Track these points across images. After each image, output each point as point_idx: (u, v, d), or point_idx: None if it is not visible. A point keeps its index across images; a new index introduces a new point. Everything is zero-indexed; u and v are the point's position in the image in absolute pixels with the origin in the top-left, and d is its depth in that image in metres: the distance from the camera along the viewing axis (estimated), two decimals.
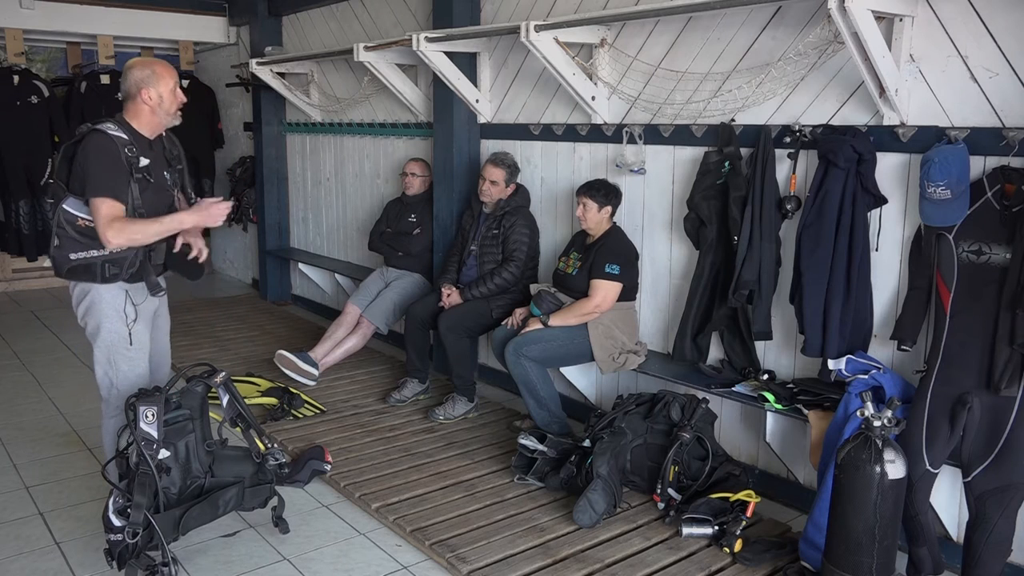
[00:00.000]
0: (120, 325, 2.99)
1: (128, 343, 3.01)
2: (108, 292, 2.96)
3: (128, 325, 3.00)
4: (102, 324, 2.98)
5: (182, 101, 3.04)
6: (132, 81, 2.94)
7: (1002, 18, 2.70)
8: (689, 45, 3.67)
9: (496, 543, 3.06)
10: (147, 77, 2.93)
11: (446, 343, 4.32)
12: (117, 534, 2.70)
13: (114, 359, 3.02)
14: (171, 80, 2.99)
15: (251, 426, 3.07)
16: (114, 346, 3.00)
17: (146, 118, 2.97)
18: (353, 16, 5.94)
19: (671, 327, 3.84)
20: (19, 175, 6.91)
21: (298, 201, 7.05)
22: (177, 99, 3.01)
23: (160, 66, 2.99)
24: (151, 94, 2.93)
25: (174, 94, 2.99)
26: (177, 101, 3.01)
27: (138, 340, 3.04)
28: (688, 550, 3.04)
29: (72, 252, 2.90)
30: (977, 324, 2.60)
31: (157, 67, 2.97)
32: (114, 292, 2.97)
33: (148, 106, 2.94)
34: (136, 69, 2.96)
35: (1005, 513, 2.58)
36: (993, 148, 2.71)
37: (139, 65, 2.98)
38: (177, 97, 3.01)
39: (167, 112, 2.99)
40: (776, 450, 3.44)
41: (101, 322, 2.98)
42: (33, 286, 7.53)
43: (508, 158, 4.46)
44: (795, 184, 3.28)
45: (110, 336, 2.99)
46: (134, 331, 3.02)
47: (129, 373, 3.03)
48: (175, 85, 3.01)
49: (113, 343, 3.00)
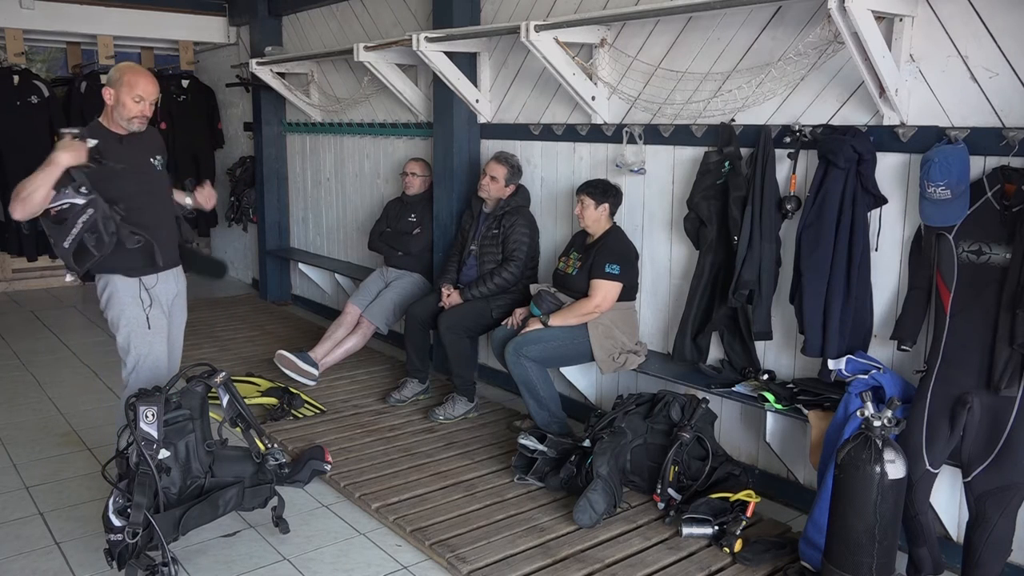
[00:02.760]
0: (138, 310, 3.20)
1: (147, 327, 3.22)
2: (123, 281, 3.19)
3: (145, 310, 3.21)
4: (123, 311, 3.19)
5: (142, 114, 3.13)
6: (106, 77, 3.16)
7: (1002, 18, 2.71)
8: (689, 45, 3.67)
9: (496, 543, 3.06)
10: (115, 79, 3.10)
11: (446, 343, 4.32)
12: (117, 534, 2.70)
13: (134, 342, 3.21)
14: (137, 91, 3.08)
15: (251, 426, 3.08)
16: (134, 330, 3.21)
17: (107, 115, 3.16)
18: (353, 16, 5.94)
19: (671, 327, 3.84)
20: (19, 175, 6.87)
21: (298, 201, 7.05)
22: (136, 110, 3.10)
23: (132, 74, 3.10)
24: (110, 94, 3.11)
25: (134, 104, 3.09)
26: (136, 111, 3.10)
27: (156, 324, 3.25)
28: (688, 550, 3.04)
29: (61, 240, 3.00)
30: (977, 324, 2.60)
31: (129, 74, 3.10)
32: (129, 281, 3.20)
33: (108, 104, 3.13)
34: (114, 69, 3.16)
35: (1005, 513, 2.58)
36: (993, 148, 2.71)
37: (119, 67, 3.17)
38: (137, 108, 3.10)
39: (122, 116, 3.11)
40: (776, 450, 3.44)
41: (122, 309, 3.19)
42: (33, 286, 7.53)
43: (513, 159, 4.46)
44: (795, 184, 3.28)
45: (130, 321, 3.20)
46: (151, 315, 3.23)
47: (148, 356, 3.23)
48: (141, 97, 3.10)
49: (132, 328, 3.20)
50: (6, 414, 4.41)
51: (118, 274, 3.19)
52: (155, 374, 3.23)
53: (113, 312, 3.21)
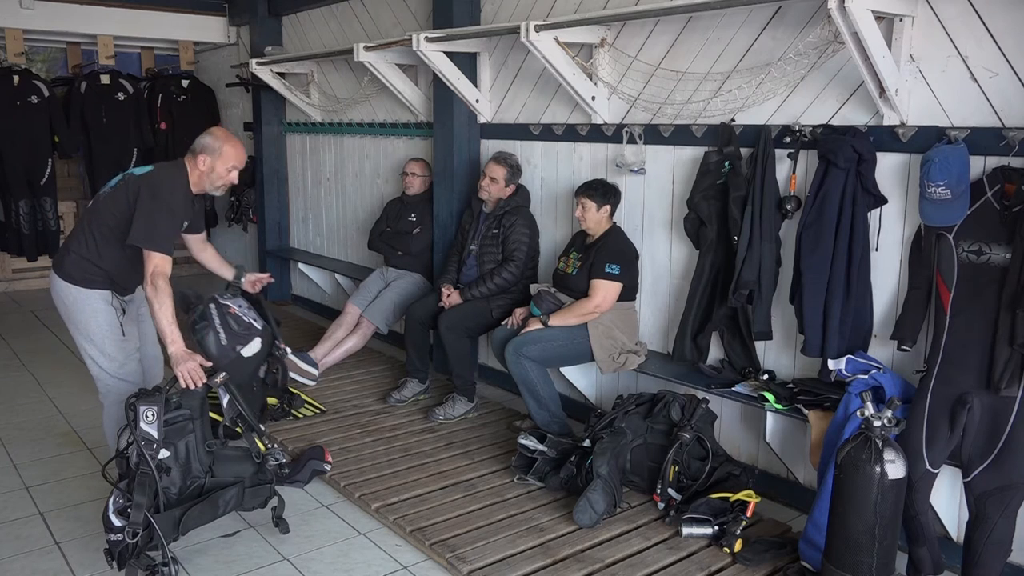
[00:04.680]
0: (112, 317, 3.19)
1: (121, 334, 3.21)
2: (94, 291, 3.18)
3: (119, 318, 3.20)
4: (94, 318, 3.16)
5: (232, 183, 3.24)
6: (203, 143, 3.15)
7: (1002, 18, 2.70)
8: (689, 45, 3.67)
9: (496, 543, 3.06)
10: (214, 149, 3.13)
11: (446, 343, 4.32)
12: (117, 534, 2.70)
13: (109, 350, 3.18)
14: (232, 162, 3.17)
15: (251, 426, 3.08)
16: (108, 337, 3.18)
17: (195, 179, 3.16)
18: (353, 16, 5.94)
19: (671, 327, 3.84)
20: (19, 175, 6.91)
21: (298, 201, 7.05)
22: (228, 179, 3.20)
23: (230, 147, 3.17)
24: (205, 161, 3.14)
25: (227, 173, 3.18)
26: (226, 180, 3.20)
27: (129, 332, 3.26)
28: (688, 550, 3.04)
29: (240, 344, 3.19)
30: (977, 324, 2.60)
31: (227, 146, 3.15)
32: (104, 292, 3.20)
33: (199, 170, 3.14)
34: (211, 136, 3.17)
35: (1005, 513, 2.58)
36: (993, 148, 2.71)
37: (216, 137, 3.17)
38: (228, 178, 3.20)
39: (212, 183, 3.18)
40: (776, 450, 3.44)
41: (93, 316, 3.16)
42: (33, 286, 7.53)
43: (512, 159, 4.46)
44: (795, 184, 3.28)
45: (103, 327, 3.17)
46: (124, 322, 3.23)
47: (126, 362, 3.22)
48: (235, 167, 3.19)
49: (106, 333, 3.18)
50: (6, 414, 4.41)
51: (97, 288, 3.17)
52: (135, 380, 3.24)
53: (82, 317, 3.16)
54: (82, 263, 3.14)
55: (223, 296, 3.27)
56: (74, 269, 3.14)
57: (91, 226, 3.15)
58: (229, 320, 3.17)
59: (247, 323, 3.23)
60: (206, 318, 3.14)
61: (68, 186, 7.84)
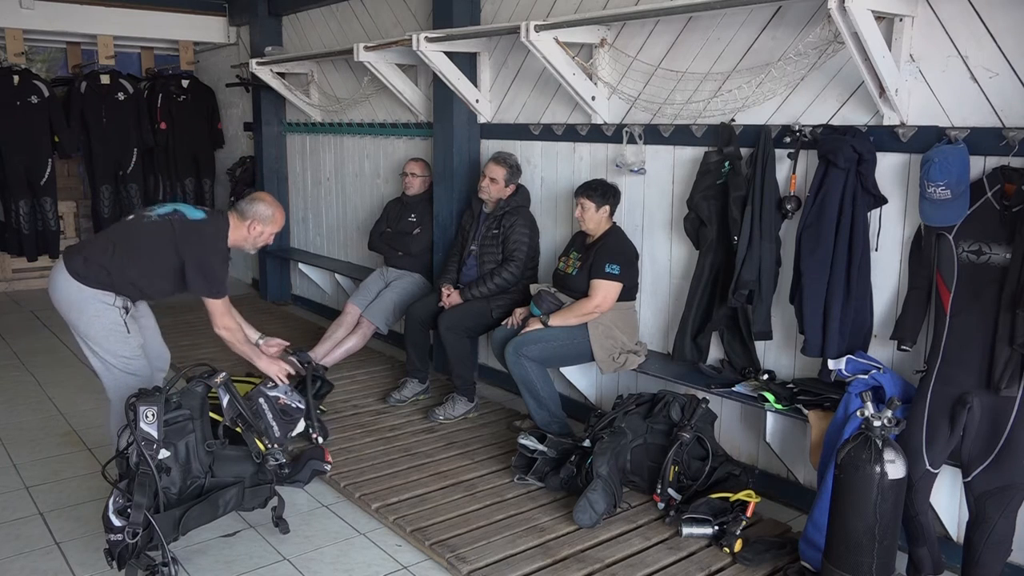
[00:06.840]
0: (116, 315, 3.24)
1: (126, 331, 3.27)
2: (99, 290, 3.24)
3: (122, 316, 3.26)
4: (98, 316, 3.20)
5: (268, 243, 3.50)
6: (255, 209, 3.37)
7: (1002, 18, 2.71)
8: (689, 45, 3.67)
9: (496, 543, 3.06)
10: (267, 218, 3.37)
11: (446, 343, 4.32)
12: (117, 534, 2.70)
13: (115, 346, 3.24)
14: (278, 228, 3.45)
15: (251, 427, 3.08)
16: (114, 333, 3.23)
17: (239, 238, 3.36)
18: (353, 16, 5.94)
19: (671, 327, 3.84)
20: (19, 175, 6.91)
21: (298, 201, 7.05)
22: (270, 241, 3.47)
23: (280, 213, 3.45)
24: (257, 228, 3.37)
25: (271, 237, 3.45)
26: (268, 241, 3.47)
27: (133, 330, 3.31)
28: (688, 550, 3.04)
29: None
30: (977, 324, 2.60)
31: (278, 214, 3.43)
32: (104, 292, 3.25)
33: (249, 234, 3.37)
34: (263, 203, 3.40)
35: (1005, 513, 2.58)
36: (993, 148, 2.71)
37: (267, 201, 3.42)
38: (271, 240, 3.47)
39: (255, 243, 3.43)
40: (776, 450, 3.44)
41: (97, 315, 3.20)
42: (33, 286, 7.52)
43: (511, 158, 4.46)
44: (795, 184, 3.28)
45: (107, 325, 3.22)
46: (128, 321, 3.28)
47: (133, 358, 3.27)
48: (271, 234, 3.44)
49: (111, 330, 3.23)
50: (6, 414, 4.41)
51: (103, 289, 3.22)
52: (144, 375, 3.29)
53: (85, 317, 3.21)
54: (97, 269, 3.19)
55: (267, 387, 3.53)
56: (86, 270, 3.19)
57: (120, 242, 3.25)
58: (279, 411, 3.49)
59: (294, 407, 3.57)
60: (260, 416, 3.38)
61: (68, 186, 7.83)
